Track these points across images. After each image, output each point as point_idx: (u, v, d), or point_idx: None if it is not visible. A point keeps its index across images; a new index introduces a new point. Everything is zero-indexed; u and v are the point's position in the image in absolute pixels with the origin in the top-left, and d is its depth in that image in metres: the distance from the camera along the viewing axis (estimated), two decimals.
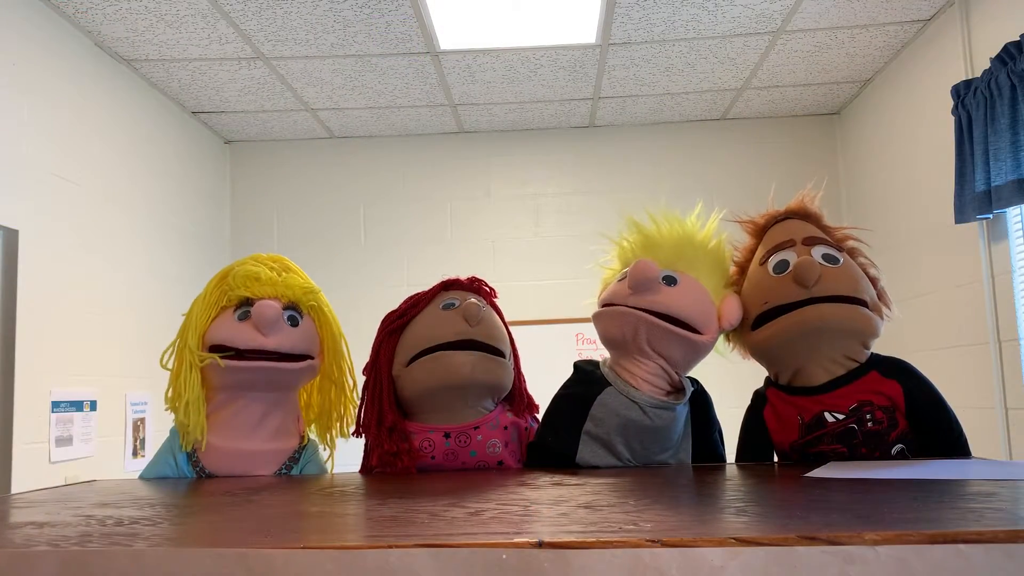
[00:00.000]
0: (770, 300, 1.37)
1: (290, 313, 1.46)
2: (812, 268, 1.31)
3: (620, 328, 1.37)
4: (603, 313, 1.41)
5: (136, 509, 0.95)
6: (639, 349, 1.36)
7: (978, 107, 2.93)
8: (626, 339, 1.37)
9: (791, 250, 1.39)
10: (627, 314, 1.35)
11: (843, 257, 1.38)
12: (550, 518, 0.77)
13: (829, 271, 1.34)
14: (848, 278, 1.35)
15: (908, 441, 1.33)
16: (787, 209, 1.48)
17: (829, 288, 1.32)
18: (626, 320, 1.35)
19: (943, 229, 3.38)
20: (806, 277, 1.31)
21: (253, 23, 3.24)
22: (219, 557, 0.65)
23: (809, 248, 1.38)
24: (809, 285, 1.32)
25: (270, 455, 1.44)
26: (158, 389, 3.70)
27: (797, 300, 1.33)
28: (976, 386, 3.17)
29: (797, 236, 1.41)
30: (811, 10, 3.30)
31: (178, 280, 3.99)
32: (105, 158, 3.41)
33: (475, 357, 1.38)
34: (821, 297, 1.32)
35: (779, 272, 1.37)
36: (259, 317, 1.39)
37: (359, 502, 0.97)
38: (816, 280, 1.31)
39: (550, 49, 3.59)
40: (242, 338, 1.41)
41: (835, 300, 1.32)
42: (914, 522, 0.67)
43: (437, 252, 4.60)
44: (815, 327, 1.32)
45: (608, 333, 1.41)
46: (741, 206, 1.77)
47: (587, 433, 1.37)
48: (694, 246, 1.42)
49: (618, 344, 1.40)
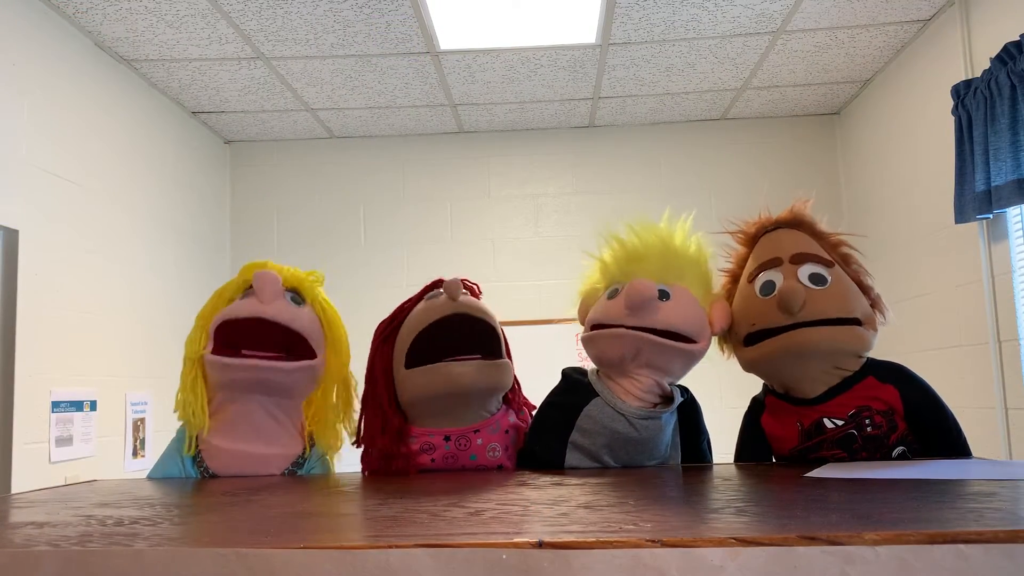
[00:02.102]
0: (757, 323, 1.36)
1: (292, 294, 1.47)
2: (795, 296, 1.30)
3: (620, 350, 1.35)
4: (599, 336, 1.38)
5: (136, 509, 0.95)
6: (637, 367, 1.36)
7: (978, 107, 2.93)
8: (624, 359, 1.36)
9: (778, 270, 1.37)
10: (626, 336, 1.33)
11: (831, 275, 1.35)
12: (550, 518, 0.77)
13: (815, 294, 1.32)
14: (835, 299, 1.33)
15: (908, 443, 1.33)
16: (778, 219, 1.46)
17: (815, 312, 1.31)
18: (626, 342, 1.34)
19: (943, 229, 3.38)
20: (790, 305, 1.30)
21: (253, 23, 3.24)
22: (219, 557, 0.65)
23: (796, 268, 1.36)
24: (794, 312, 1.30)
25: (273, 459, 1.44)
26: (158, 389, 3.72)
27: (782, 325, 1.32)
28: (976, 386, 3.17)
29: (785, 253, 1.39)
30: (811, 10, 3.30)
31: (178, 280, 3.99)
32: (105, 158, 3.41)
33: (474, 367, 1.37)
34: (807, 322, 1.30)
35: (765, 294, 1.36)
36: (258, 281, 1.41)
37: (359, 502, 0.97)
38: (801, 306, 1.30)
39: (550, 49, 3.59)
40: (242, 309, 1.42)
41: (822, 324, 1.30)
42: (914, 522, 0.67)
43: (437, 252, 4.59)
44: (799, 352, 1.31)
45: (606, 355, 1.39)
46: (741, 206, 1.77)
47: (573, 443, 1.37)
48: (677, 255, 1.41)
49: (614, 364, 1.38)
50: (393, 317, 1.48)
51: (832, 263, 1.38)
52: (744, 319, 1.39)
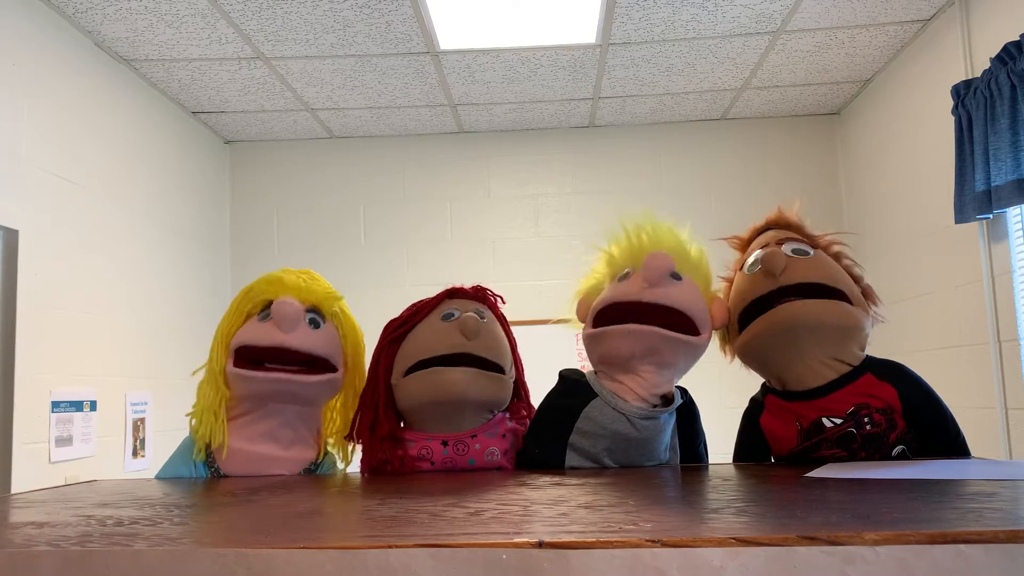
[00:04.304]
0: (747, 296, 1.39)
1: (311, 315, 1.46)
2: (776, 256, 1.34)
3: (631, 347, 1.32)
4: (610, 333, 1.34)
5: (136, 509, 0.95)
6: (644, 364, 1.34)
7: (978, 107, 2.93)
8: (634, 356, 1.33)
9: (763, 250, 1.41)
10: (640, 332, 1.30)
11: (816, 253, 1.40)
12: (550, 518, 0.77)
13: (797, 261, 1.36)
14: (818, 267, 1.36)
15: (908, 442, 1.33)
16: (766, 221, 1.51)
17: (797, 275, 1.34)
18: (639, 338, 1.31)
19: (943, 229, 3.38)
20: (772, 265, 1.33)
21: (253, 23, 3.24)
22: (219, 557, 0.65)
23: (779, 245, 1.41)
24: (776, 273, 1.33)
25: (286, 462, 1.45)
26: (158, 389, 3.72)
27: (768, 291, 1.35)
28: (976, 386, 3.17)
29: (771, 240, 1.44)
30: (811, 10, 3.30)
31: (178, 280, 4.00)
32: (105, 158, 3.41)
33: (469, 374, 1.36)
34: (791, 285, 1.33)
35: (752, 270, 1.41)
36: (278, 313, 1.40)
37: (359, 502, 0.97)
38: (783, 268, 1.33)
39: (550, 49, 3.59)
40: (263, 336, 1.41)
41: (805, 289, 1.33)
42: (914, 522, 0.67)
43: (437, 252, 4.59)
44: (787, 326, 1.33)
45: (615, 352, 1.35)
46: (741, 206, 1.78)
47: (572, 446, 1.36)
48: (686, 252, 1.42)
49: (622, 361, 1.35)
50: (405, 320, 1.46)
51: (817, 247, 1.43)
52: (737, 302, 1.42)
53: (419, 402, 1.39)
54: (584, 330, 1.43)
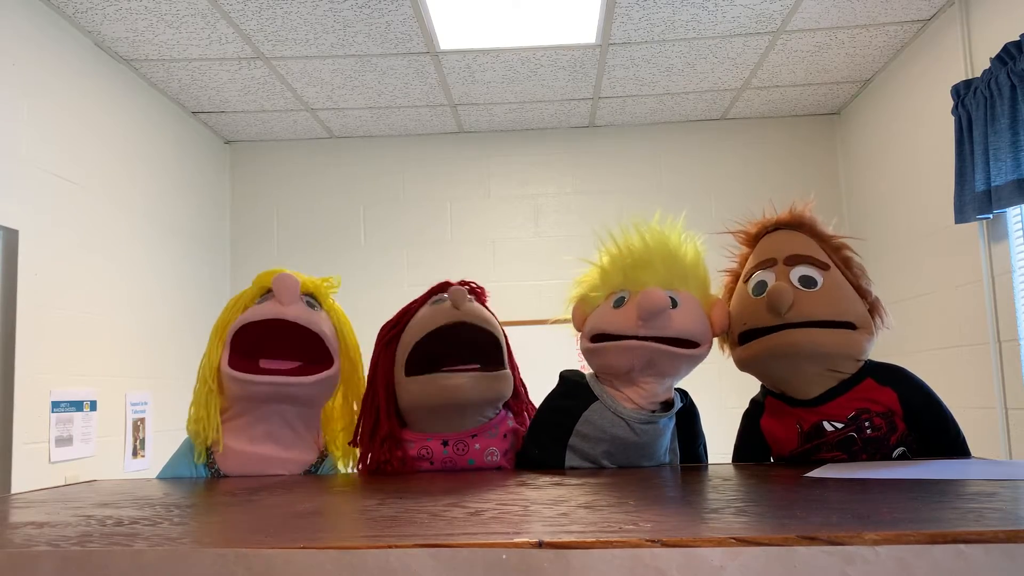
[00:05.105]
0: (748, 322, 1.36)
1: (308, 299, 1.49)
2: (782, 296, 1.29)
3: (630, 361, 1.33)
4: (609, 348, 1.35)
5: (136, 509, 0.95)
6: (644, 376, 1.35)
7: (978, 107, 2.93)
8: (633, 369, 1.34)
9: (771, 270, 1.37)
10: (639, 348, 1.31)
11: (824, 278, 1.34)
12: (550, 518, 0.77)
13: (804, 296, 1.31)
14: (824, 301, 1.32)
15: (908, 444, 1.33)
16: (777, 220, 1.45)
17: (804, 314, 1.30)
18: (638, 354, 1.32)
19: (943, 229, 3.38)
20: (777, 306, 1.29)
21: (253, 23, 3.23)
22: (219, 557, 0.65)
23: (789, 269, 1.35)
24: (780, 313, 1.30)
25: (286, 464, 1.45)
26: (158, 389, 3.72)
27: (770, 326, 1.32)
28: (976, 386, 3.17)
29: (781, 254, 1.38)
30: (811, 10, 3.30)
31: (178, 280, 4.00)
32: (105, 158, 3.41)
33: (472, 379, 1.36)
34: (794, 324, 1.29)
35: (757, 294, 1.36)
36: (278, 283, 1.42)
37: (359, 502, 0.97)
38: (788, 307, 1.29)
39: (550, 49, 3.59)
40: (261, 312, 1.43)
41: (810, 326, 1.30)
42: (914, 522, 0.67)
43: (437, 252, 4.59)
44: (783, 353, 1.31)
45: (614, 366, 1.36)
46: (741, 206, 1.77)
47: (571, 448, 1.37)
48: (678, 260, 1.40)
49: (621, 373, 1.36)
50: (396, 320, 1.47)
51: (827, 266, 1.37)
52: (738, 319, 1.39)
53: (421, 404, 1.40)
54: (582, 343, 1.44)
